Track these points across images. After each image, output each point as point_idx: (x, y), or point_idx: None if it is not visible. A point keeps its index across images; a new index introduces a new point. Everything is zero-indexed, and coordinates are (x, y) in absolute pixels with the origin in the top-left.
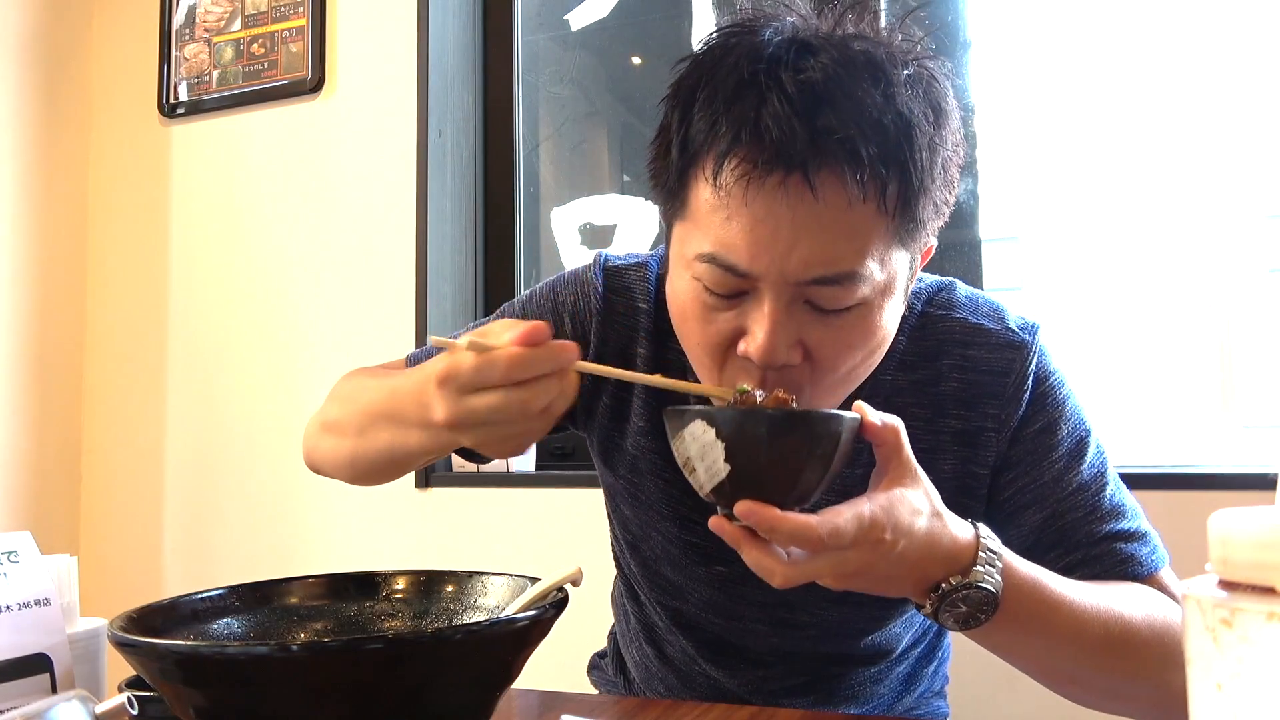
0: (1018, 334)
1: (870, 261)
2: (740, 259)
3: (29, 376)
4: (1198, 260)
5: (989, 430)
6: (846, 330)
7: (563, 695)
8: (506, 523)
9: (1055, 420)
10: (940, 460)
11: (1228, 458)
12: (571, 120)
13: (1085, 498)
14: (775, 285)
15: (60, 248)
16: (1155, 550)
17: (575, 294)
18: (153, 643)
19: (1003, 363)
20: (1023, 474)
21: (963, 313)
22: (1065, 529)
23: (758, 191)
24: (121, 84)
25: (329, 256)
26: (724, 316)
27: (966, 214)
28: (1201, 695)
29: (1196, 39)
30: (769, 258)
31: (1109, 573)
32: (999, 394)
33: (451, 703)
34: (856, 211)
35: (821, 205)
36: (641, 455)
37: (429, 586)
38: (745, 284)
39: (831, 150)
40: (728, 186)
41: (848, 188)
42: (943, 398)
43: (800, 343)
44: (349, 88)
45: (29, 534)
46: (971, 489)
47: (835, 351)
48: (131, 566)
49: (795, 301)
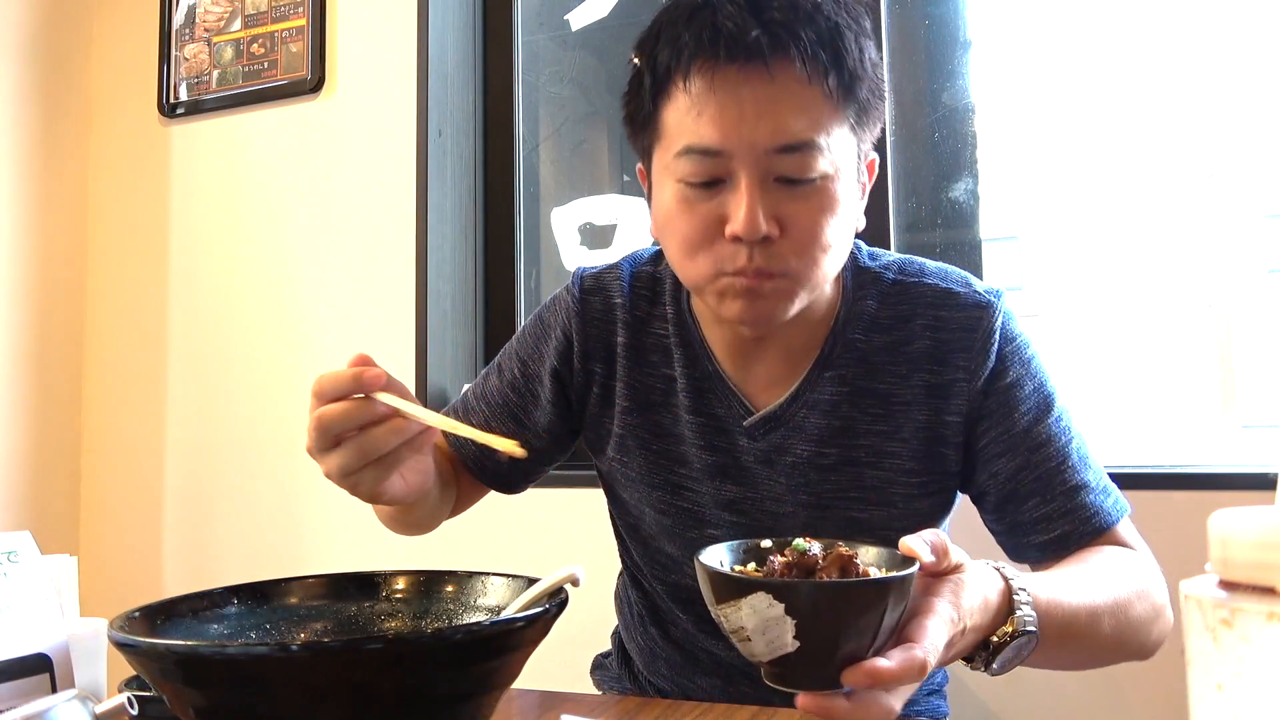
0: (984, 295)
1: (824, 137)
2: (713, 140)
3: (29, 376)
4: (1198, 260)
5: (960, 381)
6: (814, 201)
7: (563, 695)
8: (506, 523)
9: (1022, 376)
10: (915, 412)
11: (1228, 458)
12: (571, 120)
13: (1056, 449)
14: (747, 162)
15: (60, 248)
16: (1117, 501)
17: (555, 309)
18: (153, 643)
19: (971, 320)
20: (995, 424)
21: (933, 279)
22: (1042, 478)
23: (723, 82)
24: (121, 84)
25: (329, 256)
26: (706, 207)
27: (966, 214)
28: (1201, 695)
29: (1196, 38)
30: (738, 134)
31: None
32: (968, 348)
33: (451, 703)
34: (807, 91)
35: (778, 86)
36: (628, 433)
37: (429, 586)
38: (721, 168)
39: (781, 39)
40: (696, 88)
41: (797, 71)
42: (915, 355)
43: (775, 217)
44: (349, 88)
45: (29, 534)
46: (945, 437)
47: (809, 220)
48: (131, 566)
49: (766, 179)
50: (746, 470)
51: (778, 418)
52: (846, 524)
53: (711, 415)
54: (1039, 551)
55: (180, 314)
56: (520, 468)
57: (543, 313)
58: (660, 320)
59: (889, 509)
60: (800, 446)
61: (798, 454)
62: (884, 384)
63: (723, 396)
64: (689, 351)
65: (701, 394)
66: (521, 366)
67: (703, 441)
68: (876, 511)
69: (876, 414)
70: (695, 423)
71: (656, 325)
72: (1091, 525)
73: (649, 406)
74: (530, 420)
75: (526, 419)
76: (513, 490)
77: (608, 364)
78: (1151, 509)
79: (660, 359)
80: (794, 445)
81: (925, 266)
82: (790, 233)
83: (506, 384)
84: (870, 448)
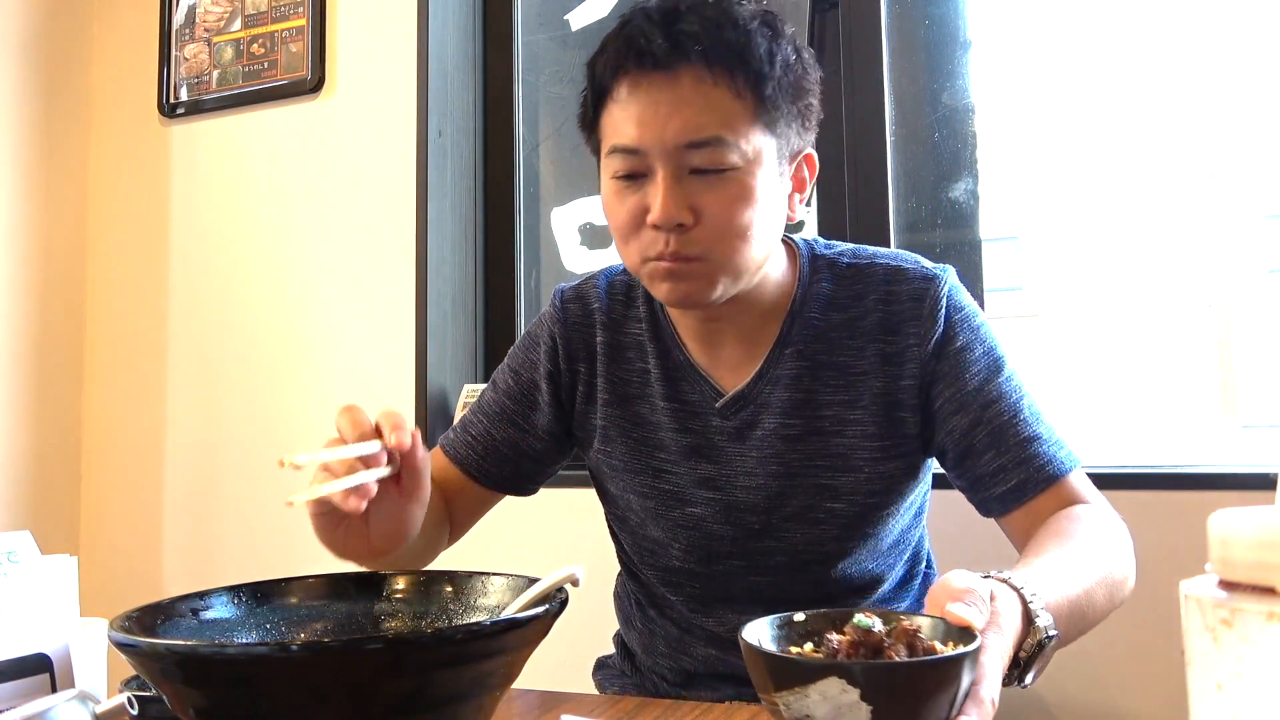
0: (930, 269)
1: (732, 133)
2: (631, 139)
3: (29, 376)
4: (1197, 260)
5: (912, 348)
6: (728, 191)
7: (563, 695)
8: (506, 523)
9: (971, 340)
10: (872, 380)
11: (1228, 457)
12: (571, 120)
13: (1007, 405)
14: (661, 157)
15: (60, 248)
16: (1070, 453)
17: (540, 322)
18: (153, 643)
19: (918, 292)
20: (948, 385)
21: (883, 260)
22: (995, 432)
23: (641, 89)
24: (121, 84)
25: (329, 256)
26: (633, 199)
27: (966, 214)
28: (1201, 695)
29: (1196, 37)
30: (651, 132)
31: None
32: (917, 316)
33: (451, 703)
34: (713, 93)
35: (685, 89)
36: (610, 424)
37: (429, 586)
38: (641, 164)
39: (684, 46)
40: (622, 95)
41: (701, 75)
42: (868, 328)
43: (691, 207)
44: (349, 88)
45: (29, 534)
46: (902, 402)
47: (721, 208)
48: (131, 566)
49: (681, 171)
50: (719, 449)
51: (745, 396)
52: (815, 490)
53: (684, 401)
54: (1000, 503)
55: (180, 314)
56: (524, 470)
57: (530, 329)
58: (635, 320)
59: (855, 474)
60: (768, 420)
61: (765, 428)
62: (842, 357)
63: (694, 382)
64: (661, 345)
65: (674, 382)
66: (515, 376)
67: (677, 425)
68: (844, 477)
69: (837, 385)
70: (670, 408)
71: (631, 325)
72: (1045, 473)
73: (628, 399)
74: (529, 424)
75: (525, 423)
76: (524, 492)
77: (589, 363)
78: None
79: (636, 354)
80: (762, 420)
81: (878, 252)
82: (705, 220)
83: (502, 394)
84: (833, 417)
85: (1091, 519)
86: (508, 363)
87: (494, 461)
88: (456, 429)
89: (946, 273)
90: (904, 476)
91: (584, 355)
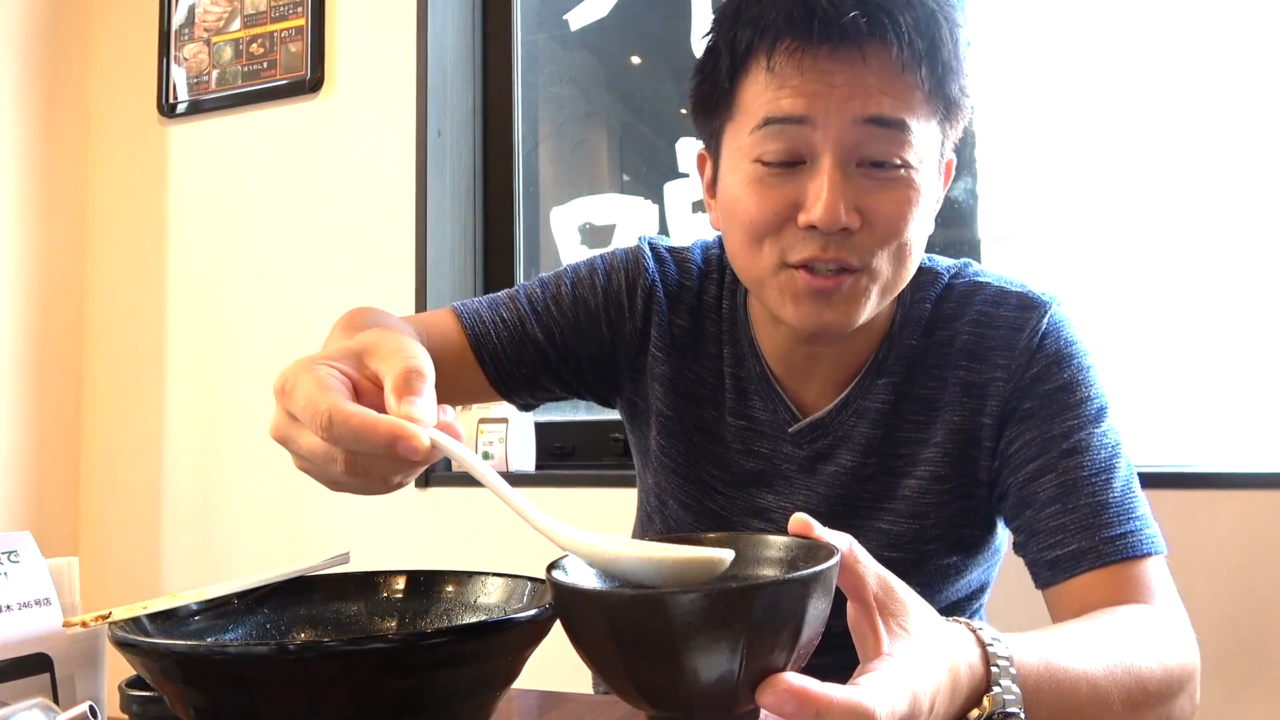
0: (1038, 296)
1: (914, 122)
2: (797, 108)
3: (29, 377)
4: (1199, 259)
5: (998, 380)
6: (898, 192)
7: (563, 695)
8: (506, 523)
9: (1072, 382)
10: (950, 413)
11: (1228, 457)
12: (571, 120)
13: (1092, 459)
14: (832, 136)
15: (60, 247)
16: (1155, 536)
17: (622, 266)
18: (153, 643)
19: (1019, 320)
20: (1031, 428)
21: (990, 281)
22: (1067, 485)
23: (812, 61)
24: (121, 84)
25: (328, 256)
26: (780, 191)
27: (966, 214)
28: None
29: (1197, 35)
30: (825, 103)
31: (1104, 546)
32: (1011, 346)
33: (451, 703)
34: (900, 80)
35: (870, 69)
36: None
37: (429, 586)
38: (802, 143)
39: (880, 22)
40: (781, 66)
41: (892, 57)
42: (953, 352)
43: (857, 207)
44: (348, 88)
45: (29, 534)
46: (977, 439)
47: (893, 212)
48: (131, 566)
49: (849, 163)
50: (784, 479)
51: (825, 425)
52: (874, 534)
53: (753, 419)
54: (1049, 570)
55: (180, 314)
56: (542, 384)
57: (601, 265)
58: (716, 310)
59: (921, 520)
60: (844, 456)
61: (841, 463)
62: (925, 388)
63: (769, 400)
64: (737, 348)
65: (745, 395)
66: (574, 293)
67: (741, 445)
68: (906, 525)
69: (917, 420)
70: (736, 426)
71: (713, 315)
72: (1111, 548)
73: (696, 399)
74: (568, 344)
75: (564, 343)
76: (528, 407)
77: (668, 344)
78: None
79: (714, 350)
80: (838, 454)
81: (981, 271)
82: (873, 225)
83: (551, 300)
84: (908, 456)
85: (1143, 615)
86: (566, 280)
87: (520, 363)
88: (482, 304)
89: (1054, 301)
90: (969, 522)
91: (660, 328)
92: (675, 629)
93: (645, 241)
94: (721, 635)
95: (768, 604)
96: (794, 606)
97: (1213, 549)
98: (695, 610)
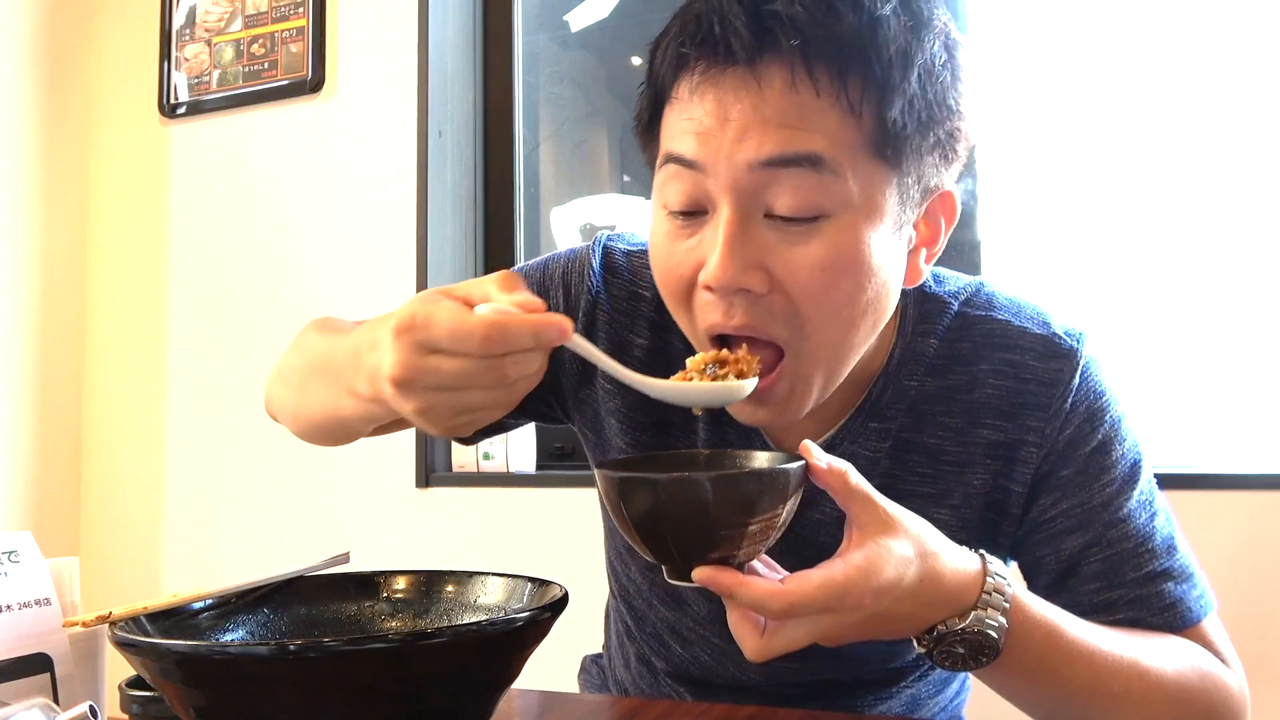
0: (1065, 340)
1: (836, 157)
2: (687, 149)
3: (29, 377)
4: (1200, 259)
5: (1029, 445)
6: (817, 249)
7: (562, 695)
8: (506, 523)
9: (1110, 441)
10: (970, 474)
11: (1229, 458)
12: (571, 120)
13: (1136, 527)
14: (725, 181)
15: (60, 248)
16: (1203, 595)
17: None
18: (153, 643)
19: (1050, 373)
20: (1069, 495)
21: (1004, 314)
22: (1113, 560)
23: (711, 88)
24: (121, 84)
25: (329, 257)
26: (684, 246)
27: (966, 214)
28: None
29: (1198, 35)
30: (716, 142)
31: (1154, 618)
32: (1044, 405)
33: (451, 703)
34: (811, 102)
35: (767, 98)
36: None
37: (429, 586)
38: (699, 191)
39: (773, 38)
40: (685, 96)
41: (796, 76)
42: (978, 406)
43: (762, 266)
44: (349, 88)
45: (29, 534)
46: (1003, 506)
47: (808, 275)
48: (131, 566)
49: (752, 209)
50: None
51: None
52: None
53: None
54: None
55: (180, 314)
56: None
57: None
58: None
59: None
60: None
61: (824, 513)
62: (934, 438)
63: (741, 434)
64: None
65: (719, 427)
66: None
67: None
68: None
69: (924, 474)
70: None
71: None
72: (1164, 619)
73: (664, 428)
74: None
75: None
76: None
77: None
78: None
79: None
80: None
81: (995, 298)
82: (786, 289)
83: None
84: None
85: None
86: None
87: None
88: None
89: (1083, 343)
90: None
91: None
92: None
93: (600, 244)
94: (726, 503)
95: (750, 486)
96: (756, 488)
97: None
98: (710, 488)
